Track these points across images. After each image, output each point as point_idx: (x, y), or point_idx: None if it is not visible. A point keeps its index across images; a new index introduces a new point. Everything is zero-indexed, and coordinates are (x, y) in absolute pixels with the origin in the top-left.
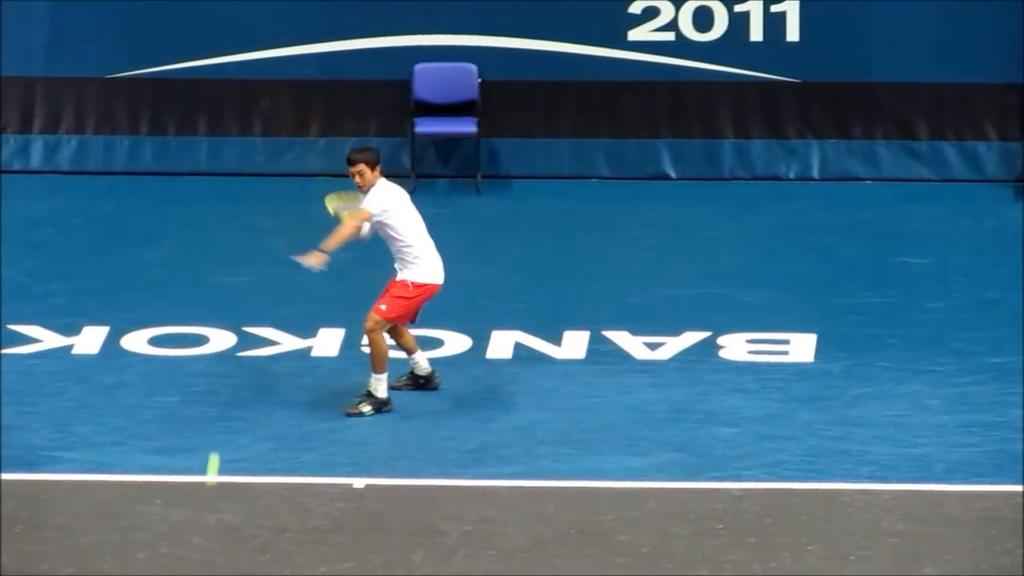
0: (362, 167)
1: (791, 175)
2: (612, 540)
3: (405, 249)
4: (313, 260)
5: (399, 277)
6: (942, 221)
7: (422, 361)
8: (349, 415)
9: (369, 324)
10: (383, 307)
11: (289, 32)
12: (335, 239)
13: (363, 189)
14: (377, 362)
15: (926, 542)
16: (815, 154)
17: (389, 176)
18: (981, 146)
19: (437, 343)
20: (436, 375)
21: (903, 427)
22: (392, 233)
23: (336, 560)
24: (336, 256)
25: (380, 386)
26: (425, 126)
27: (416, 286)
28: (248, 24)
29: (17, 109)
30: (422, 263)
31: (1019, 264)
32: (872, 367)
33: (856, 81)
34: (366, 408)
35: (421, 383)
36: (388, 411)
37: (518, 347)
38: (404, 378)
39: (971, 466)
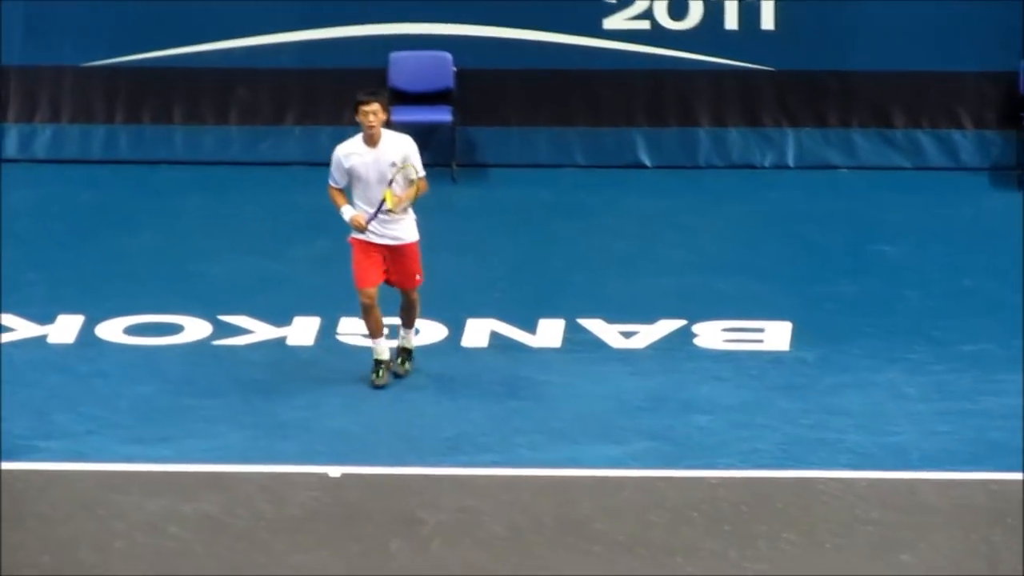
0: (378, 106)
1: (767, 163)
2: (589, 528)
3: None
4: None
5: (411, 238)
6: (918, 209)
7: (387, 346)
8: (399, 376)
9: (416, 294)
10: (418, 276)
11: (266, 21)
12: (414, 193)
13: (374, 129)
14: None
15: (902, 530)
16: (791, 142)
17: None
18: (957, 134)
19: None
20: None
21: (879, 415)
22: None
23: (313, 549)
24: (312, 244)
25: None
26: (401, 115)
27: None
28: (225, 13)
29: None
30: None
31: (995, 253)
32: (848, 355)
33: (832, 69)
34: (410, 365)
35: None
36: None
37: (494, 336)
38: (382, 371)
39: (947, 454)
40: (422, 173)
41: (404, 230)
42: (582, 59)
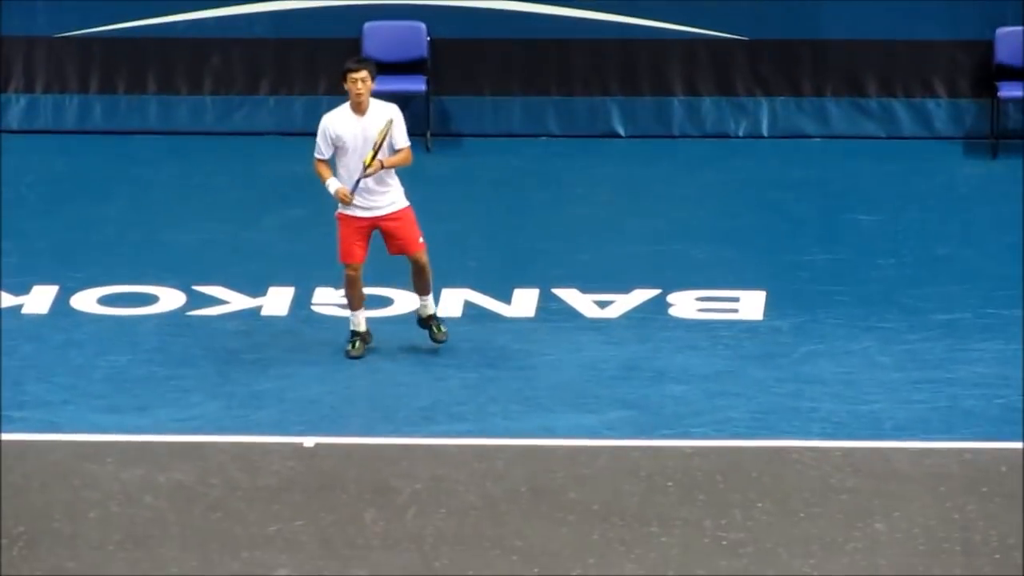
0: (366, 74)
1: (741, 132)
2: (563, 498)
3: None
4: (375, 167)
5: (402, 204)
6: (892, 178)
7: (364, 318)
8: (441, 342)
9: (425, 258)
10: (421, 240)
11: None
12: (398, 160)
13: (362, 97)
14: (431, 282)
15: (876, 498)
16: (765, 111)
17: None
18: (931, 103)
19: (387, 301)
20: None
21: (853, 384)
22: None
23: (287, 518)
24: (286, 214)
25: (433, 304)
26: (375, 84)
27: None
28: None
29: None
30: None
31: (969, 221)
32: (822, 324)
33: (806, 39)
34: (445, 328)
35: (368, 340)
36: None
37: (468, 305)
38: (358, 342)
39: (921, 423)
40: (407, 143)
41: (392, 197)
42: (556, 28)
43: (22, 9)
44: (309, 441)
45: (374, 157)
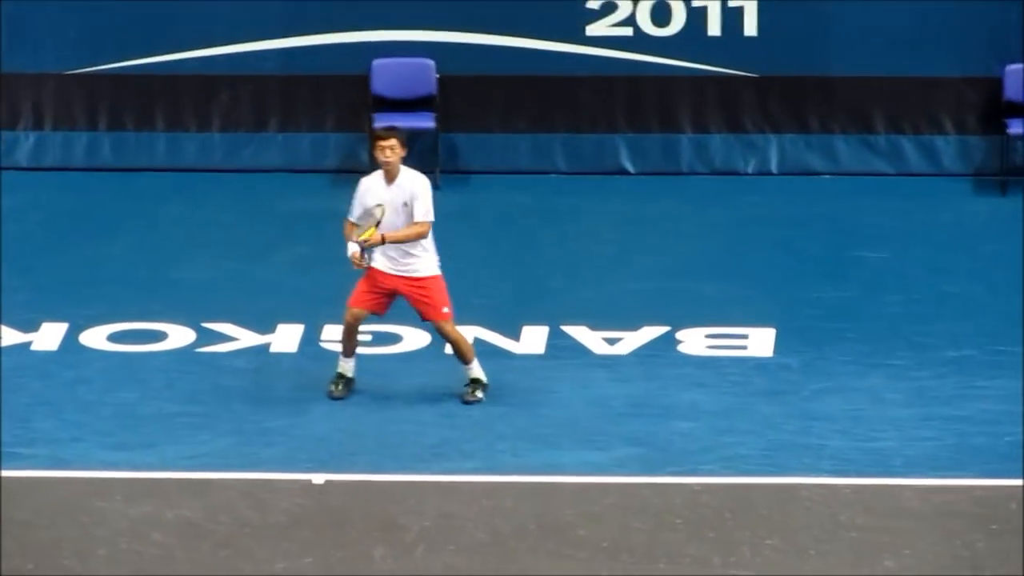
0: (395, 142)
1: (749, 169)
2: (572, 534)
3: (427, 240)
4: (374, 240)
5: (428, 272)
6: (900, 215)
7: (352, 365)
8: (468, 403)
9: (449, 328)
10: (446, 309)
11: (247, 27)
12: (402, 235)
13: (390, 164)
14: (468, 351)
15: (885, 536)
16: (773, 148)
17: (348, 172)
18: (939, 140)
19: (396, 339)
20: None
21: (862, 421)
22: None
23: (296, 555)
24: (295, 251)
25: (480, 370)
26: (384, 121)
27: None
28: (206, 19)
29: None
30: (434, 252)
31: (977, 258)
32: (831, 361)
33: (814, 75)
34: (480, 394)
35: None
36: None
37: (477, 342)
38: (341, 386)
39: (929, 460)
40: (424, 219)
41: (418, 265)
42: (564, 65)
43: (30, 46)
44: (318, 478)
45: (378, 228)
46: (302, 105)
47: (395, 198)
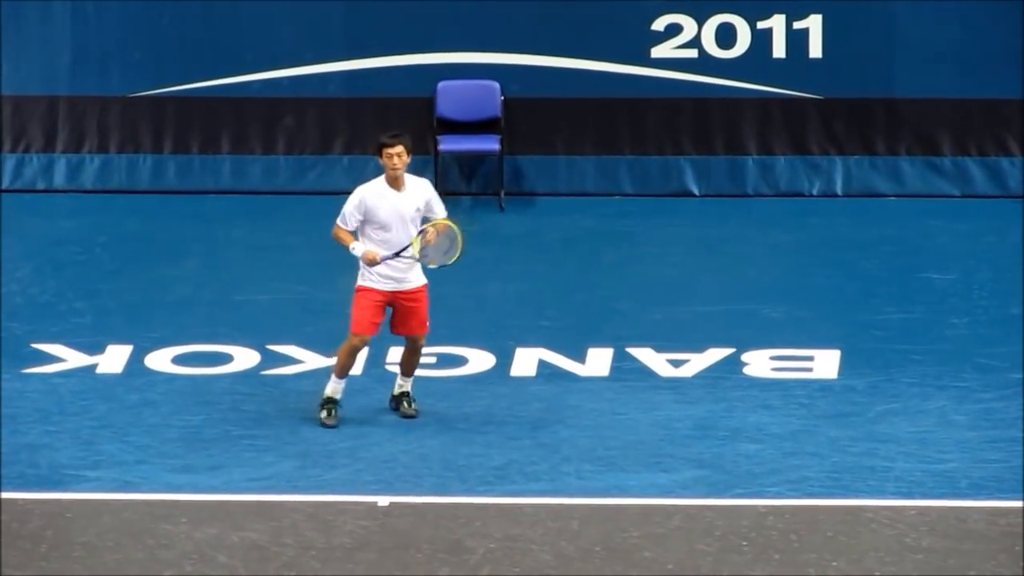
0: (402, 149)
1: (814, 191)
2: (637, 557)
3: None
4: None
5: (422, 281)
6: (966, 237)
7: (342, 387)
8: (410, 417)
9: (423, 341)
10: (427, 323)
11: (312, 50)
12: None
13: (398, 171)
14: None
15: (951, 558)
16: (838, 170)
17: None
18: (1004, 161)
19: (461, 361)
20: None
21: (928, 443)
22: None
23: None
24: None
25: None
26: (448, 143)
27: None
28: (271, 42)
29: (41, 128)
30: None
31: None
32: (896, 383)
33: (879, 97)
34: (416, 405)
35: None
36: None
37: (542, 364)
38: (335, 412)
39: (996, 482)
40: (444, 213)
41: (415, 275)
42: (629, 87)
43: (96, 69)
44: (383, 500)
45: (420, 237)
46: (368, 127)
47: (407, 205)
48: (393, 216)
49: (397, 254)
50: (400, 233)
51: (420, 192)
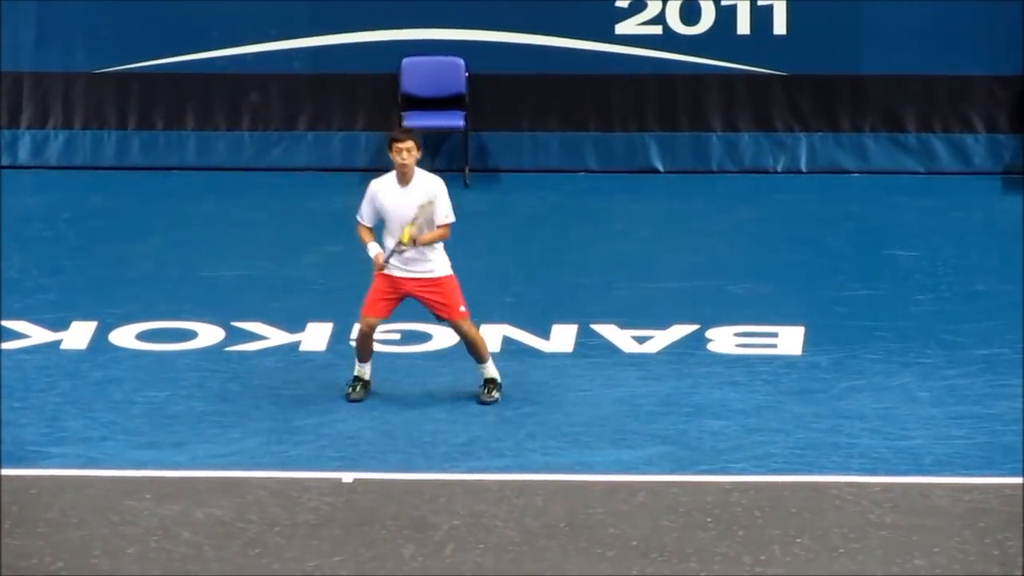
0: (412, 144)
1: (779, 168)
2: (602, 533)
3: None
4: (407, 244)
5: (443, 272)
6: (930, 213)
7: (369, 369)
8: (485, 403)
9: (467, 327)
10: (463, 308)
11: (277, 26)
12: (429, 238)
13: (406, 167)
14: (484, 350)
15: (915, 534)
16: (803, 147)
17: (376, 171)
18: (969, 138)
19: (425, 337)
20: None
21: (892, 419)
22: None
23: (326, 554)
24: (325, 250)
25: (495, 370)
26: (413, 120)
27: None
28: (236, 19)
29: (5, 104)
30: (443, 250)
31: (1008, 256)
32: (861, 359)
33: (844, 73)
34: (497, 394)
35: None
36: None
37: (506, 341)
38: (360, 388)
39: (960, 458)
40: (447, 220)
41: (431, 266)
42: (594, 64)
43: (61, 45)
44: (347, 477)
45: (410, 232)
46: (332, 104)
47: (411, 201)
48: (394, 210)
49: (393, 250)
50: (400, 228)
51: (425, 190)
